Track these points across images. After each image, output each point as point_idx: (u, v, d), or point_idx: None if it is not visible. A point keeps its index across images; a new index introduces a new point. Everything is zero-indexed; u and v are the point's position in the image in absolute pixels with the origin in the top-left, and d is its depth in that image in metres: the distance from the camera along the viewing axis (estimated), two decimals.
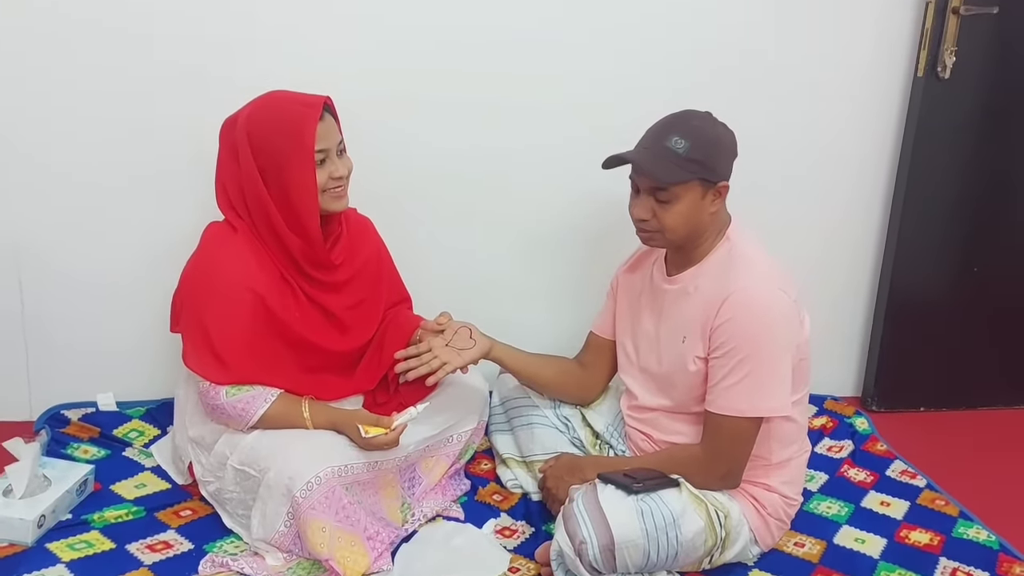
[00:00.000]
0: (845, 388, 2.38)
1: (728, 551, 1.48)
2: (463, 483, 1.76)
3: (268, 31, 1.85)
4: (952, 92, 2.10)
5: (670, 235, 1.49)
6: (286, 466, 1.42)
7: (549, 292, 2.15)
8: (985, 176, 2.22)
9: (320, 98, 1.49)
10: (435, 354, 1.57)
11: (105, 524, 1.54)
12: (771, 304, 1.45)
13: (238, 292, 1.49)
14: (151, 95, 1.83)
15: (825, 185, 2.21)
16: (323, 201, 1.52)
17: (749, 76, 2.06)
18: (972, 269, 2.28)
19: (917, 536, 1.68)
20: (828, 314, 2.25)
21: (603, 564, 1.30)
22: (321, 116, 1.48)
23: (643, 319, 1.65)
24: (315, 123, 1.46)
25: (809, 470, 1.89)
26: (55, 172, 1.85)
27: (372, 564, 1.44)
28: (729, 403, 1.44)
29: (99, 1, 1.76)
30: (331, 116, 1.52)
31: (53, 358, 1.95)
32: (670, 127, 1.46)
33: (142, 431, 1.88)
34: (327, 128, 1.49)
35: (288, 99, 1.51)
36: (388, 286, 1.76)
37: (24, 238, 1.87)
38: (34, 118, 1.81)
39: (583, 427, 1.77)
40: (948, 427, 2.26)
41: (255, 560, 1.46)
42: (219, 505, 1.58)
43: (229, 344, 1.48)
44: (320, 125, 1.47)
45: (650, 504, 1.34)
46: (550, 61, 1.97)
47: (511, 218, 2.08)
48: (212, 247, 1.54)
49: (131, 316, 1.95)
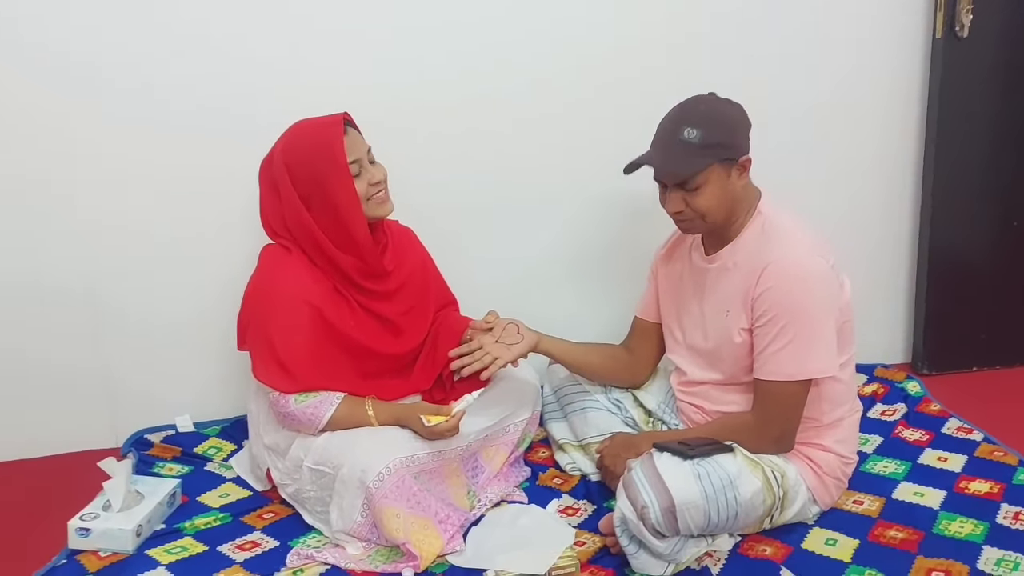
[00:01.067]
0: (894, 355, 2.39)
1: (787, 511, 1.53)
2: (524, 470, 1.83)
3: (284, 65, 1.94)
4: (973, 50, 2.12)
5: (710, 219, 1.54)
6: (357, 460, 1.52)
7: (587, 285, 2.22)
8: (1016, 131, 2.22)
9: (339, 116, 1.61)
10: (486, 350, 1.65)
11: (196, 530, 1.65)
12: (809, 269, 1.49)
13: (297, 305, 1.59)
14: (202, 144, 1.94)
15: (854, 152, 2.24)
16: (369, 209, 1.62)
17: (766, 43, 2.12)
18: (1012, 224, 2.28)
19: (977, 486, 1.69)
20: (869, 281, 2.28)
21: (666, 526, 1.36)
22: (344, 131, 1.59)
23: (687, 300, 1.70)
24: (341, 138, 1.57)
25: (863, 434, 1.92)
26: (117, 223, 1.96)
27: (446, 545, 1.52)
28: (777, 368, 1.49)
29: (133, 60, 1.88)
30: (354, 129, 1.63)
31: (132, 397, 2.07)
32: (680, 120, 1.51)
33: (220, 447, 1.99)
34: (352, 140, 1.60)
35: (312, 124, 1.62)
36: (436, 291, 1.85)
37: (98, 284, 1.99)
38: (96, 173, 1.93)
39: (635, 407, 1.83)
40: (1002, 384, 2.25)
41: (337, 551, 1.55)
42: (299, 504, 1.68)
43: (293, 354, 1.59)
44: (346, 139, 1.58)
45: (706, 468, 1.39)
46: (569, 58, 2.04)
47: (542, 218, 2.15)
48: (269, 266, 1.65)
49: (198, 346, 2.06)
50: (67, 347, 2.01)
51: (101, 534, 1.57)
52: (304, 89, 1.92)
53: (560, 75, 2.05)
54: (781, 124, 2.05)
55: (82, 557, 1.55)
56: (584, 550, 1.53)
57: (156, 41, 1.87)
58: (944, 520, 1.58)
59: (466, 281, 1.97)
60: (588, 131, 2.09)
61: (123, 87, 1.88)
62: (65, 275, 1.96)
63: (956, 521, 1.57)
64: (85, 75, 1.86)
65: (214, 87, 1.92)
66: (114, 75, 1.87)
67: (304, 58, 1.95)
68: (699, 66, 2.06)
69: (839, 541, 1.53)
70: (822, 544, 1.53)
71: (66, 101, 1.86)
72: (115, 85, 1.88)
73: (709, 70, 1.87)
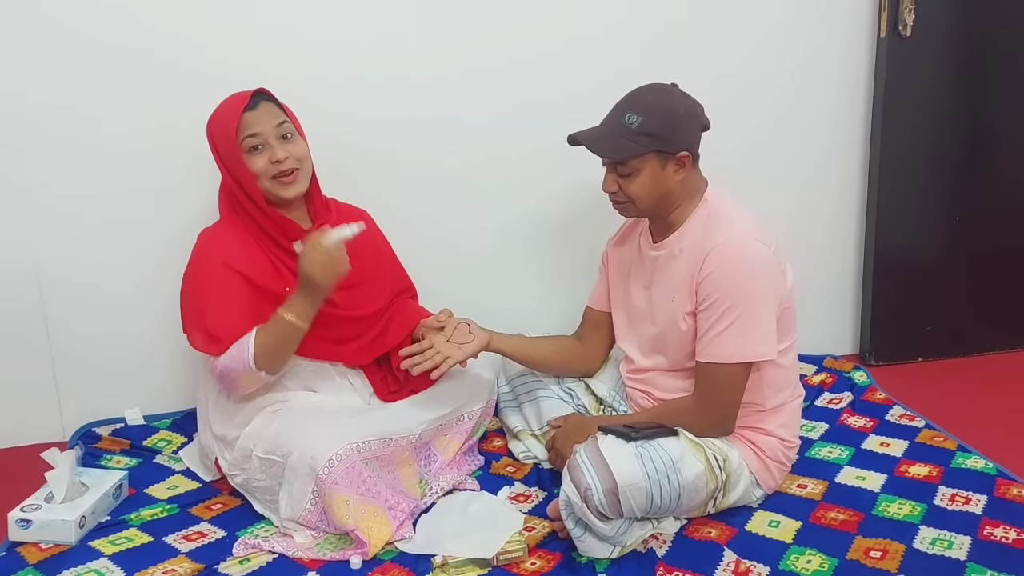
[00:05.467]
0: (843, 347, 2.45)
1: (730, 494, 1.55)
2: (477, 459, 1.84)
3: (255, 27, 1.94)
4: (915, 48, 2.18)
5: (639, 205, 1.60)
6: (307, 447, 1.51)
7: (542, 274, 2.23)
8: (959, 127, 2.29)
9: (250, 90, 1.61)
10: (437, 349, 1.65)
11: (142, 522, 1.63)
12: (750, 254, 1.53)
13: (225, 272, 1.59)
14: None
15: (803, 150, 2.29)
16: (271, 187, 1.62)
17: (716, 43, 2.16)
18: (955, 219, 2.35)
19: (916, 470, 1.74)
20: (818, 275, 2.34)
21: (609, 508, 1.37)
22: (252, 105, 1.59)
23: (635, 287, 1.73)
24: (238, 113, 1.57)
25: (809, 421, 1.97)
26: (69, 212, 1.93)
27: (395, 532, 1.52)
28: (717, 351, 1.52)
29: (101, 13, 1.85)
30: (270, 103, 1.62)
31: (80, 375, 2.04)
32: (626, 104, 1.57)
33: (170, 440, 1.97)
34: (259, 115, 1.59)
35: (228, 98, 1.63)
36: (391, 273, 1.85)
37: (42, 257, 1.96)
38: (42, 132, 1.89)
39: (587, 395, 1.85)
40: (945, 374, 2.32)
41: (285, 540, 1.54)
42: (248, 494, 1.66)
43: (222, 320, 1.57)
44: (249, 114, 1.58)
45: (649, 450, 1.41)
46: (537, 47, 2.06)
47: (502, 206, 2.17)
48: (199, 245, 1.66)
49: (147, 329, 2.03)
50: (14, 340, 1.97)
51: (43, 525, 1.54)
52: (261, 51, 1.92)
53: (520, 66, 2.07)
54: (732, 121, 2.08)
55: (22, 549, 1.52)
56: (533, 535, 1.54)
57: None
58: (884, 502, 1.62)
59: (423, 269, 1.97)
60: (551, 119, 2.05)
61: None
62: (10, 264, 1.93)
63: (895, 503, 1.62)
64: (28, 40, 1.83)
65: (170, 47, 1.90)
66: (53, 35, 1.84)
67: (265, 18, 1.94)
68: (649, 66, 2.06)
69: (782, 523, 1.57)
70: (765, 526, 1.56)
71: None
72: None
73: (659, 70, 1.88)
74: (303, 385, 1.71)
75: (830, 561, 1.44)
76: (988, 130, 2.31)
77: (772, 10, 2.18)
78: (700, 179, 1.64)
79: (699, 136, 1.61)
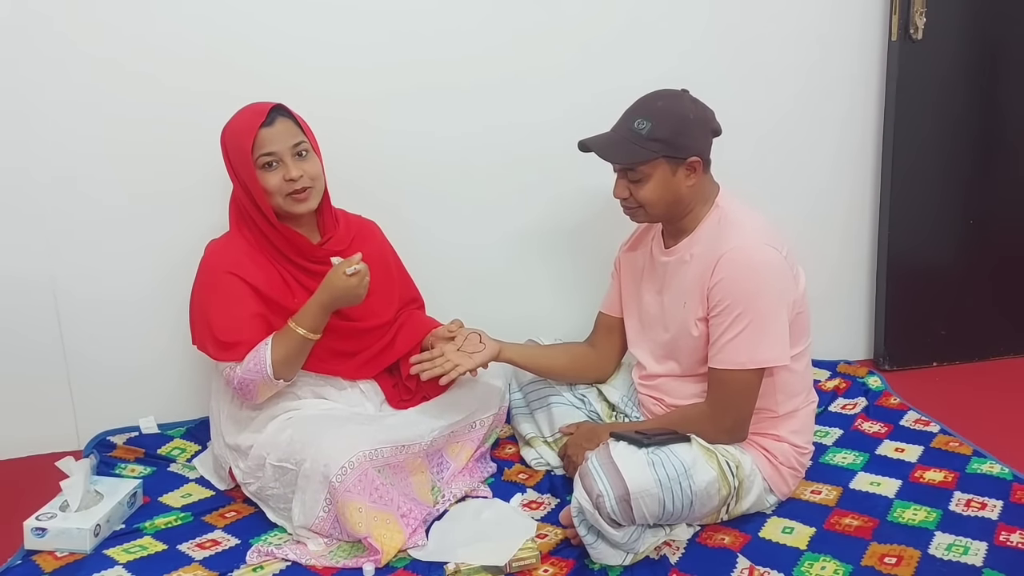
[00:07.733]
0: (857, 352, 2.43)
1: (743, 501, 1.55)
2: (489, 466, 1.84)
3: (270, 42, 1.95)
4: (928, 51, 2.17)
5: (650, 210, 1.59)
6: (320, 455, 1.52)
7: (554, 281, 2.23)
8: (971, 130, 2.28)
9: (267, 105, 1.60)
10: (447, 357, 1.65)
11: (156, 530, 1.64)
12: (762, 260, 1.52)
13: (220, 276, 1.61)
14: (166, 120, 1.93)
15: (815, 155, 2.28)
16: (285, 204, 1.62)
17: (727, 51, 2.16)
18: (968, 222, 2.33)
19: (931, 475, 1.72)
20: (832, 281, 2.33)
21: (621, 515, 1.37)
22: (269, 121, 1.59)
23: (647, 293, 1.73)
24: (254, 129, 1.57)
25: (823, 426, 1.96)
26: (84, 218, 1.96)
27: (407, 540, 1.52)
28: (729, 357, 1.52)
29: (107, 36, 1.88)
30: (288, 119, 1.62)
31: (94, 384, 2.05)
32: (636, 110, 1.58)
33: (184, 448, 1.98)
34: (276, 132, 1.59)
35: (245, 110, 1.63)
36: (400, 284, 1.85)
37: (60, 285, 1.98)
38: (58, 148, 1.92)
39: (599, 401, 1.84)
40: (960, 379, 2.30)
41: (298, 547, 1.54)
42: (262, 502, 1.67)
43: (231, 326, 1.58)
44: (265, 130, 1.58)
45: (660, 456, 1.41)
46: (548, 53, 2.07)
47: (514, 213, 2.17)
48: (206, 256, 1.67)
49: (160, 338, 2.05)
50: (31, 351, 2.00)
51: (58, 534, 1.55)
52: (271, 65, 1.93)
53: (536, 71, 2.08)
54: (745, 130, 2.08)
55: (38, 557, 1.54)
56: (546, 542, 1.54)
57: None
58: (899, 508, 1.61)
59: (435, 279, 1.98)
60: (561, 128, 2.06)
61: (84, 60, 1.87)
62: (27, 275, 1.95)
63: (910, 509, 1.60)
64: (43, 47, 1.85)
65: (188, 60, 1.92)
66: (66, 52, 1.86)
67: (271, 26, 1.95)
68: (660, 75, 2.06)
69: (796, 529, 1.56)
70: (779, 532, 1.55)
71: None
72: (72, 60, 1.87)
73: (669, 79, 1.87)
74: (314, 393, 1.72)
75: (844, 568, 1.43)
76: (1001, 133, 2.30)
77: (782, 16, 2.18)
78: (712, 184, 1.64)
79: (710, 141, 1.61)
